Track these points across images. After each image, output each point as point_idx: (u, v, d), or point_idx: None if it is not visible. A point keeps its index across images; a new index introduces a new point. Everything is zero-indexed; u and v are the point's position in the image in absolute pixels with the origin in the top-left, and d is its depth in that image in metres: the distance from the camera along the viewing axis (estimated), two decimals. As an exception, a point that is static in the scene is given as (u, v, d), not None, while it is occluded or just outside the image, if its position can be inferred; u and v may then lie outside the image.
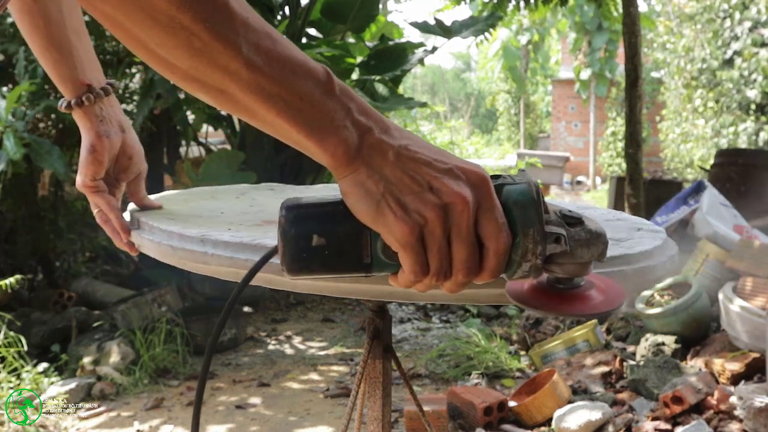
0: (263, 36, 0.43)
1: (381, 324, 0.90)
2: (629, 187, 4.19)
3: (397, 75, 3.92)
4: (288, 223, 0.46)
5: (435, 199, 0.44)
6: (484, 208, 0.44)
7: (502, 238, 0.44)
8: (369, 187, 0.44)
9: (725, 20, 7.82)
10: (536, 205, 0.45)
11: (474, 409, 2.15)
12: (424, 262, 0.45)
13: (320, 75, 0.44)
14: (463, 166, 0.45)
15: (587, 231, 0.47)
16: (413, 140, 0.46)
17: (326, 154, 0.44)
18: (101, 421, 2.35)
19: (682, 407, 2.04)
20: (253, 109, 0.44)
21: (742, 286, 2.49)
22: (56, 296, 3.16)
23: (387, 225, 0.44)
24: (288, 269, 0.46)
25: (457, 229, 0.44)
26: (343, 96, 0.45)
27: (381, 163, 0.44)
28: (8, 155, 2.55)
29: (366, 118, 0.45)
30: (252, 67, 0.43)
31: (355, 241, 0.46)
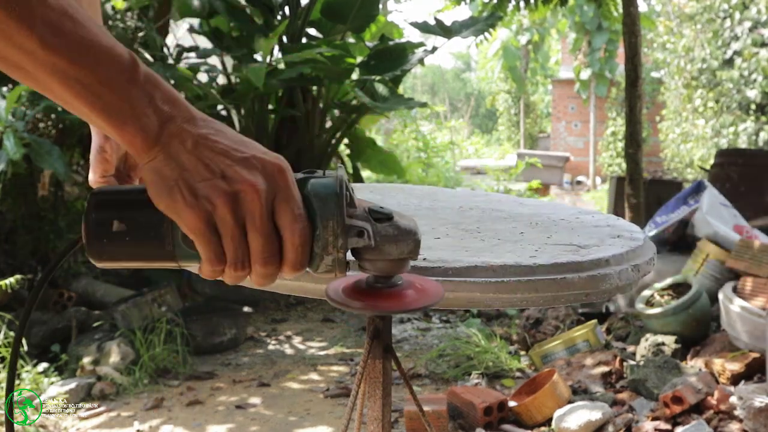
0: (64, 17, 0.43)
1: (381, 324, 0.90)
2: (629, 187, 4.19)
3: (397, 75, 3.92)
4: (90, 208, 0.47)
5: (225, 186, 0.44)
6: (279, 198, 0.45)
7: (298, 229, 0.45)
8: (165, 173, 0.45)
9: (725, 20, 7.82)
10: (338, 197, 0.45)
11: (474, 409, 2.15)
12: (219, 251, 0.45)
13: (124, 61, 0.44)
14: (262, 157, 0.46)
15: (395, 227, 0.47)
16: (216, 130, 0.46)
17: (124, 140, 0.45)
18: (101, 421, 2.35)
19: (682, 407, 2.04)
20: (52, 88, 0.44)
21: (742, 286, 2.49)
22: (56, 296, 3.16)
23: (177, 211, 0.45)
24: (91, 255, 0.47)
25: (250, 217, 0.44)
26: (148, 84, 0.45)
27: (178, 150, 0.45)
28: (8, 155, 2.55)
29: (170, 106, 0.45)
30: (48, 47, 0.42)
31: (156, 229, 0.47)
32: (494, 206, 1.05)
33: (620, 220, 0.97)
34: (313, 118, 4.19)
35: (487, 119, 21.05)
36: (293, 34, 4.12)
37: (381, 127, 9.58)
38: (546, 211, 1.03)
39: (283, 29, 3.74)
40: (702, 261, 2.85)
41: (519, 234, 0.85)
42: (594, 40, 11.06)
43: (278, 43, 4.04)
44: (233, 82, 4.02)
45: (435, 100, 20.76)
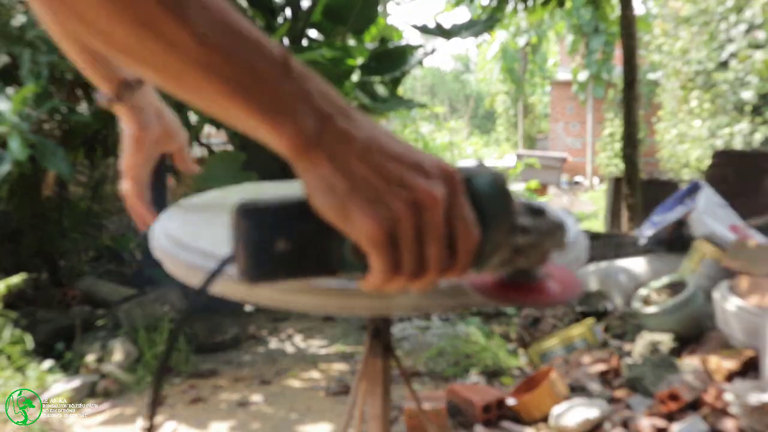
0: (217, 8, 0.38)
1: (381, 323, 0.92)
2: (626, 187, 4.22)
3: (396, 76, 3.95)
4: (248, 230, 0.41)
5: (406, 195, 0.40)
6: (454, 204, 0.42)
7: (473, 235, 0.42)
8: (333, 182, 0.40)
9: (721, 23, 7.86)
10: (506, 197, 0.43)
11: (473, 407, 2.17)
12: (395, 262, 0.42)
13: (277, 54, 0.40)
14: (433, 161, 0.42)
15: (550, 221, 0.46)
16: (380, 130, 0.42)
17: (282, 141, 0.40)
18: (105, 418, 2.38)
19: (678, 404, 2.06)
20: (200, 88, 0.39)
21: (737, 284, 2.52)
22: (61, 295, 3.19)
23: (355, 224, 0.40)
24: (249, 278, 0.41)
25: (428, 226, 0.41)
26: (302, 78, 0.40)
27: (346, 155, 0.40)
28: (13, 156, 2.57)
29: (327, 103, 0.41)
30: (202, 40, 0.37)
31: (322, 243, 0.42)
32: None
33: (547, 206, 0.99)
34: (314, 119, 4.21)
35: (486, 120, 21.06)
36: (294, 36, 4.15)
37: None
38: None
39: (284, 31, 3.77)
40: (698, 260, 2.88)
41: None
42: (591, 42, 11.09)
43: (279, 45, 4.06)
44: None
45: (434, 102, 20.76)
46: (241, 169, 3.55)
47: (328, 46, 3.81)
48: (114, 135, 3.44)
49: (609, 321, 2.98)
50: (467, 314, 3.56)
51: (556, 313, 2.98)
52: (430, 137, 8.70)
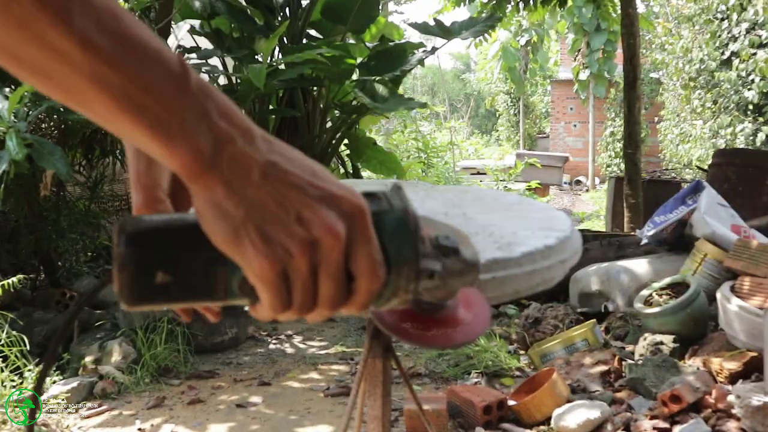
0: (106, 12, 0.35)
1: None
2: (628, 187, 4.21)
3: (396, 76, 3.94)
4: (126, 254, 0.38)
5: (303, 233, 0.38)
6: (358, 242, 0.39)
7: (376, 277, 0.40)
8: (227, 209, 0.37)
9: (723, 21, 7.84)
10: (413, 240, 0.41)
11: (473, 408, 2.16)
12: (285, 297, 0.40)
13: (174, 67, 0.36)
14: (339, 194, 0.39)
15: (462, 261, 0.44)
16: (284, 155, 0.39)
17: (174, 161, 0.37)
18: (103, 419, 2.37)
19: (680, 406, 2.05)
20: (87, 100, 0.36)
21: (739, 285, 2.50)
22: (58, 296, 3.17)
23: (245, 257, 0.38)
24: (125, 302, 0.40)
25: (325, 265, 0.39)
26: (201, 94, 0.37)
27: (243, 181, 0.37)
28: (10, 156, 2.56)
29: (227, 123, 0.37)
30: (88, 47, 0.34)
31: (208, 275, 0.40)
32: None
33: (551, 209, 1.00)
34: (314, 119, 4.20)
35: (486, 120, 21.06)
36: (294, 35, 4.13)
37: (381, 127, 9.59)
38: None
39: (283, 30, 3.76)
40: (700, 261, 2.87)
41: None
42: (592, 41, 11.08)
43: (279, 44, 4.05)
44: (234, 83, 4.04)
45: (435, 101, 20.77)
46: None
47: (327, 45, 3.80)
48: (112, 134, 3.42)
49: (610, 322, 2.97)
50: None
51: (558, 313, 2.96)
52: (430, 137, 8.70)
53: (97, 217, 3.63)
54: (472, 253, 0.45)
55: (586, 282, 3.22)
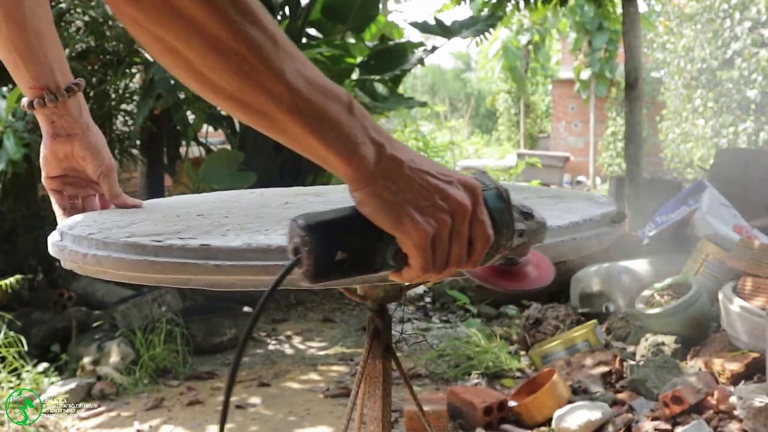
0: (301, 62, 0.48)
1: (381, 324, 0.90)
2: (629, 187, 4.19)
3: (397, 75, 3.93)
4: (314, 242, 0.49)
5: (445, 206, 0.50)
6: (476, 213, 0.52)
7: (489, 238, 0.52)
8: (387, 197, 0.49)
9: (725, 20, 7.82)
10: (509, 209, 0.54)
11: (474, 409, 2.15)
12: (431, 260, 0.51)
13: (343, 96, 0.49)
14: (461, 178, 0.52)
15: (537, 222, 0.57)
16: (416, 155, 0.52)
17: (350, 168, 0.49)
18: (101, 421, 2.36)
19: (681, 407, 2.04)
20: (288, 129, 0.48)
21: (741, 286, 2.49)
22: (56, 296, 3.16)
23: (406, 231, 0.49)
24: (310, 281, 0.51)
25: (458, 231, 0.51)
26: (361, 115, 0.49)
27: (396, 175, 0.49)
28: (8, 155, 2.55)
29: (379, 135, 0.50)
30: (293, 90, 0.47)
31: (371, 251, 0.51)
32: None
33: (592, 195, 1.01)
34: (313, 118, 4.19)
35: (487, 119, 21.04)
36: (293, 34, 4.12)
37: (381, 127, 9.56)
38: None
39: (283, 29, 3.74)
40: (702, 261, 2.85)
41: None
42: (594, 40, 11.06)
43: (278, 43, 4.04)
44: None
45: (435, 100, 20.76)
46: (238, 169, 3.52)
47: (327, 45, 3.79)
48: (110, 134, 3.41)
49: (611, 322, 2.95)
50: (468, 315, 3.54)
51: (558, 314, 2.95)
52: (430, 136, 8.69)
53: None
54: (541, 216, 0.58)
55: (587, 282, 3.20)
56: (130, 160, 3.72)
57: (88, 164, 0.81)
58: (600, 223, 0.78)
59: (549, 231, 0.60)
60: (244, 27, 0.45)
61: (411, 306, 3.87)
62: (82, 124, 0.80)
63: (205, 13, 0.44)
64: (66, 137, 0.79)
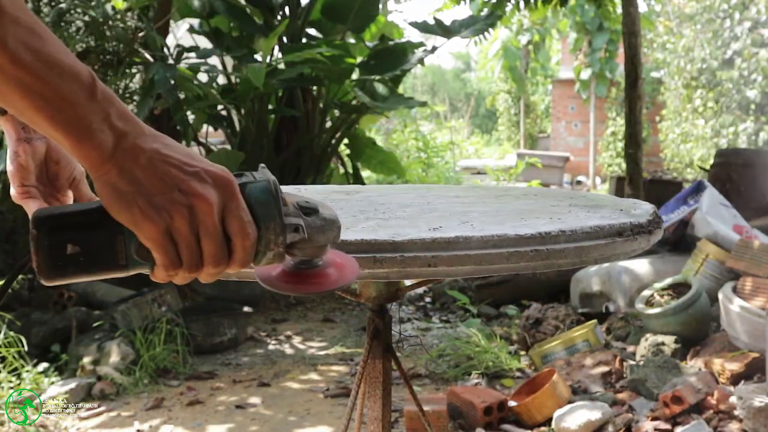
0: (32, 35, 0.45)
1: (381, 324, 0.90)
2: (629, 187, 4.19)
3: (397, 75, 3.92)
4: (40, 235, 0.48)
5: (182, 199, 0.48)
6: (230, 208, 0.49)
7: (248, 234, 0.49)
8: (121, 187, 0.47)
9: (725, 20, 7.82)
10: (275, 201, 0.50)
11: (474, 409, 2.15)
12: (175, 257, 0.49)
13: (85, 78, 0.46)
14: (210, 169, 0.49)
15: (322, 218, 0.53)
16: (166, 144, 0.49)
17: (81, 154, 0.47)
18: (101, 420, 2.35)
19: (681, 407, 2.04)
20: (14, 102, 0.46)
21: (741, 286, 2.49)
22: (56, 296, 3.16)
23: (137, 224, 0.48)
24: (42, 277, 0.49)
25: (203, 227, 0.48)
26: (104, 101, 0.47)
27: (132, 165, 0.47)
28: (8, 155, 2.55)
29: (123, 123, 0.48)
30: (17, 63, 0.44)
31: (110, 246, 0.49)
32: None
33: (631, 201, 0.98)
34: (313, 118, 4.19)
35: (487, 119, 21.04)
36: (293, 34, 4.12)
37: (381, 127, 9.57)
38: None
39: (283, 29, 3.74)
40: (702, 261, 2.85)
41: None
42: (595, 40, 11.05)
43: (278, 43, 4.04)
44: (233, 82, 4.03)
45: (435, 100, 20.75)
46: (238, 169, 3.52)
47: (327, 45, 3.78)
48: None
49: (611, 322, 2.95)
50: (468, 315, 3.54)
51: (558, 314, 2.95)
52: (430, 136, 8.68)
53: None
54: (331, 213, 0.54)
55: (587, 282, 3.20)
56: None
57: (63, 168, 0.79)
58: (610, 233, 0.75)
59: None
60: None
61: (411, 306, 3.87)
62: None
63: None
64: (40, 139, 0.77)
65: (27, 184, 0.76)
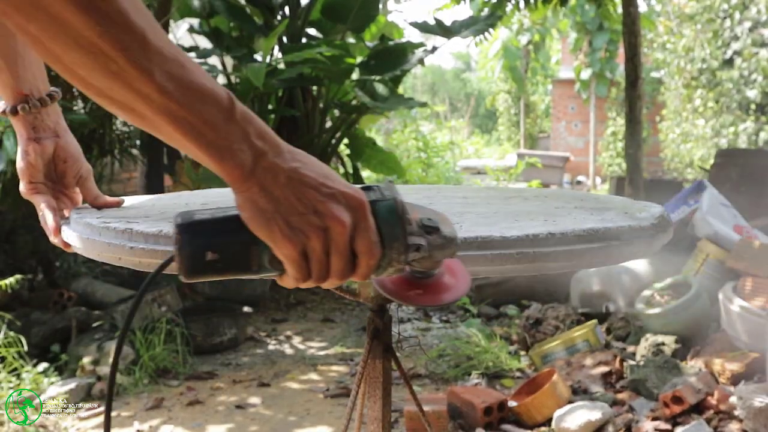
0: (175, 64, 0.48)
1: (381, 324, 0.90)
2: (629, 187, 4.19)
3: (397, 75, 3.92)
4: (182, 241, 0.51)
5: (317, 221, 0.50)
6: (359, 229, 0.51)
7: (374, 254, 0.52)
8: (261, 205, 0.50)
9: (725, 20, 7.82)
10: (401, 222, 0.53)
11: (474, 409, 2.15)
12: (306, 271, 0.52)
13: (224, 101, 0.49)
14: (344, 191, 0.51)
15: (443, 237, 0.55)
16: (304, 162, 0.51)
17: (223, 173, 0.50)
18: (101, 421, 2.35)
19: (682, 407, 2.04)
20: (161, 127, 0.49)
21: (742, 286, 2.49)
22: (56, 296, 3.16)
23: (275, 241, 0.51)
24: (183, 278, 0.53)
25: (335, 245, 0.51)
26: (243, 121, 0.50)
27: (272, 184, 0.50)
28: (8, 155, 2.55)
29: (262, 142, 0.50)
30: (163, 91, 0.47)
31: (245, 255, 0.52)
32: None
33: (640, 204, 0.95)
34: (313, 118, 4.19)
35: (487, 119, 21.03)
36: (293, 34, 4.12)
37: (381, 127, 9.57)
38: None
39: (282, 29, 3.74)
40: (702, 261, 2.85)
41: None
42: (595, 40, 11.05)
43: (278, 43, 4.04)
44: (233, 82, 4.02)
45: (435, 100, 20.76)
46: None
47: (327, 45, 3.78)
48: (110, 134, 3.41)
49: (611, 322, 2.95)
50: (468, 316, 3.54)
51: (558, 314, 2.95)
52: (430, 136, 8.68)
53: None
54: (451, 230, 0.56)
55: (587, 282, 3.20)
56: (130, 160, 3.71)
57: (70, 166, 0.83)
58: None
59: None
60: (111, 28, 0.45)
61: (411, 306, 3.87)
62: (61, 128, 0.82)
63: (71, 13, 0.44)
64: (49, 139, 0.81)
65: (35, 180, 0.81)
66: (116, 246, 0.69)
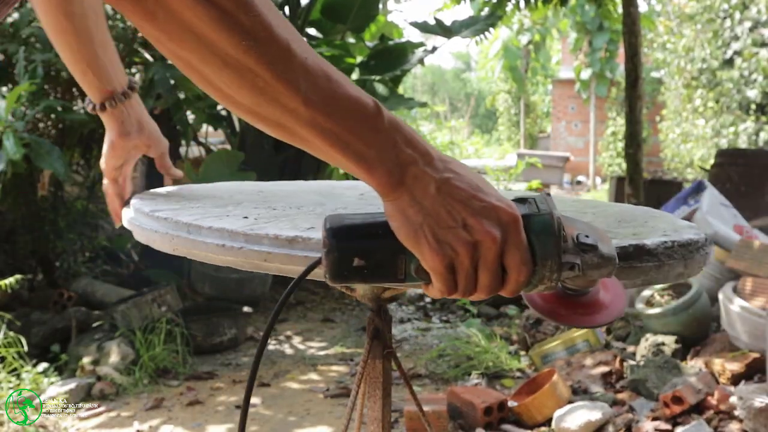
0: (321, 76, 0.48)
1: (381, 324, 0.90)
2: (629, 187, 4.19)
3: (397, 75, 3.92)
4: (331, 245, 0.50)
5: (467, 236, 0.48)
6: (510, 244, 0.49)
7: (524, 271, 0.50)
8: (410, 215, 0.49)
9: (725, 20, 7.82)
10: (556, 239, 0.50)
11: (474, 409, 2.15)
12: (452, 284, 0.50)
13: (370, 109, 0.48)
14: (497, 204, 0.49)
15: (600, 256, 0.51)
16: (455, 172, 0.50)
17: (373, 182, 0.49)
18: (101, 421, 2.35)
19: (682, 407, 2.04)
20: (309, 140, 0.49)
21: (742, 286, 2.49)
22: (56, 296, 3.16)
23: (422, 253, 0.49)
24: (329, 281, 0.52)
25: (483, 261, 0.49)
26: (391, 129, 0.49)
27: (422, 194, 0.49)
28: (8, 155, 2.55)
29: (412, 149, 0.49)
30: (309, 104, 0.47)
31: (392, 262, 0.51)
32: None
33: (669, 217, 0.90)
34: (313, 118, 4.18)
35: (487, 119, 21.04)
36: (293, 34, 4.12)
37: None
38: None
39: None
40: (702, 261, 2.85)
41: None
42: (595, 40, 11.06)
43: (278, 43, 4.03)
44: (233, 82, 4.02)
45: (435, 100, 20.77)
46: (239, 169, 3.52)
47: (327, 45, 3.79)
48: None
49: (612, 322, 2.95)
50: (468, 316, 3.54)
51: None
52: (430, 136, 8.68)
53: (96, 217, 3.62)
54: (609, 249, 0.52)
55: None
56: (130, 160, 3.71)
57: (153, 150, 0.93)
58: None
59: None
60: (256, 44, 0.46)
61: (411, 306, 3.87)
62: (144, 118, 0.90)
63: (216, 32, 0.45)
64: (136, 133, 0.90)
65: (112, 165, 0.91)
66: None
